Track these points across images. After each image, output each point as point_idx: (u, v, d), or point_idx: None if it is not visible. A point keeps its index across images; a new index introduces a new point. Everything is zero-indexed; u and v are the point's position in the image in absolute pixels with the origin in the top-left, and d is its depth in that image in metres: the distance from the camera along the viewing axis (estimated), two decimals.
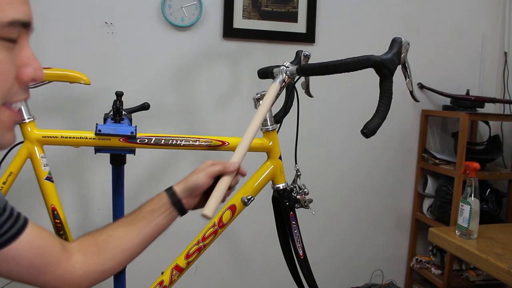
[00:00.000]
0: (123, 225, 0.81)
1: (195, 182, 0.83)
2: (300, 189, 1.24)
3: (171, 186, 0.85)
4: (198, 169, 0.85)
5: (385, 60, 0.92)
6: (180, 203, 0.83)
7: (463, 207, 1.47)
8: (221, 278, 2.03)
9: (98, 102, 1.74)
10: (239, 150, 0.88)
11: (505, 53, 2.23)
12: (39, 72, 0.53)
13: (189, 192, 0.83)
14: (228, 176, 0.84)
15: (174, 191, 0.84)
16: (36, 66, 0.53)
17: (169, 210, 0.82)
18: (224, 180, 0.83)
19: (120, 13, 1.76)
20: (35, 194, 1.35)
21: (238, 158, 0.86)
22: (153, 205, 0.83)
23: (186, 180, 0.84)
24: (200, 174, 0.83)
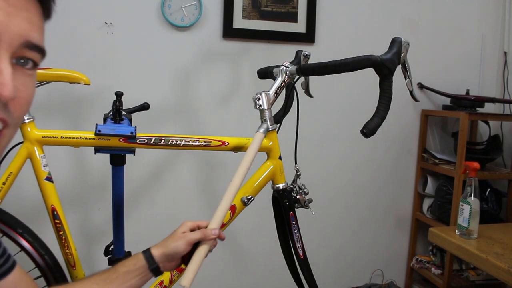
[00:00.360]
0: (96, 283, 0.80)
1: (174, 249, 0.82)
2: (300, 189, 1.24)
3: (149, 248, 0.84)
4: (177, 233, 0.84)
5: (385, 60, 0.92)
6: (157, 268, 0.83)
7: (463, 207, 1.47)
8: (221, 278, 2.03)
9: (98, 102, 1.74)
10: (218, 215, 0.86)
11: (505, 53, 2.23)
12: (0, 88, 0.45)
13: (167, 258, 0.83)
14: (207, 244, 0.83)
15: (152, 255, 0.83)
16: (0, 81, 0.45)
17: (145, 273, 0.82)
18: (203, 249, 0.83)
19: (120, 13, 1.76)
20: (35, 194, 1.35)
21: (217, 223, 0.85)
22: (129, 266, 0.82)
23: (165, 246, 0.83)
24: (180, 241, 0.82)
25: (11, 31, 0.46)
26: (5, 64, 0.46)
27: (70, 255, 1.34)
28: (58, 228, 1.32)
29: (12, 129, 0.50)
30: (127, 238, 1.44)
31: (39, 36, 0.50)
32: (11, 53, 0.47)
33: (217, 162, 1.93)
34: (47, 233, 1.39)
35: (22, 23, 0.47)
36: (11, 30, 0.46)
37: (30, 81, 0.51)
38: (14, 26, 0.46)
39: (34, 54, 0.50)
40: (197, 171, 1.94)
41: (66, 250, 1.34)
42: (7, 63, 0.46)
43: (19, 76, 0.48)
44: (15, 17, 0.46)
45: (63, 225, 1.32)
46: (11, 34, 0.46)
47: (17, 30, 0.46)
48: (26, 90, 0.50)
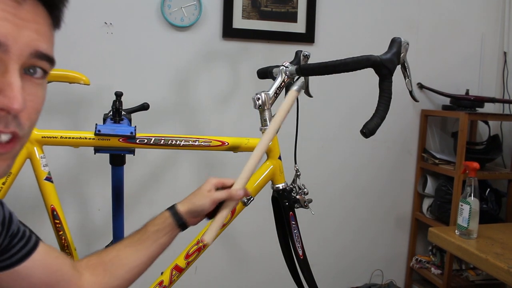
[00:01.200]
0: (129, 245, 0.83)
1: (200, 207, 0.84)
2: (300, 189, 1.24)
3: (175, 205, 0.86)
4: (203, 191, 0.85)
5: (385, 60, 0.92)
6: (184, 224, 0.85)
7: (462, 207, 1.47)
8: (220, 278, 2.03)
9: (98, 102, 1.74)
10: (244, 175, 0.86)
11: (505, 53, 2.23)
12: (7, 101, 0.46)
13: (193, 215, 0.85)
14: (232, 202, 0.85)
15: (179, 212, 0.85)
16: (9, 94, 0.46)
17: (173, 230, 0.85)
18: (227, 207, 0.84)
19: (120, 13, 1.76)
20: (34, 194, 1.35)
21: (243, 183, 0.85)
22: (159, 225, 0.85)
23: (191, 203, 0.85)
24: (206, 200, 0.83)
25: (20, 42, 0.46)
26: (15, 77, 0.46)
27: (70, 255, 1.34)
28: (58, 228, 1.32)
29: (23, 139, 0.51)
30: None
31: (48, 46, 0.51)
32: (20, 65, 0.47)
33: (217, 162, 1.93)
34: (46, 233, 1.38)
35: (31, 34, 0.47)
36: (20, 41, 0.46)
37: (39, 90, 0.52)
38: (23, 37, 0.47)
39: (43, 63, 0.50)
40: (197, 171, 1.94)
41: (66, 250, 1.34)
42: (17, 76, 0.47)
43: (28, 87, 0.49)
44: (24, 29, 0.47)
45: (63, 225, 1.32)
46: (20, 45, 0.46)
47: (26, 41, 0.47)
48: (35, 99, 0.51)
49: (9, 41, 0.45)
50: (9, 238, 0.67)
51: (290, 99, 0.92)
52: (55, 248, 0.77)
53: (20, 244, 0.69)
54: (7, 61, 0.46)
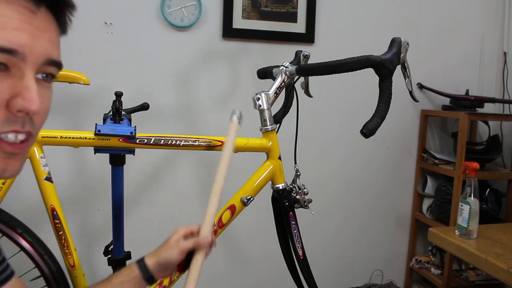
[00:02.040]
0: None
1: (167, 259, 0.81)
2: (300, 189, 1.24)
3: (143, 258, 0.84)
4: (170, 242, 0.83)
5: (385, 60, 0.93)
6: (151, 278, 0.82)
7: (462, 207, 1.47)
8: (220, 278, 2.03)
9: (98, 102, 1.74)
10: (207, 220, 0.84)
11: (505, 53, 2.23)
12: (26, 103, 0.50)
13: (161, 267, 0.82)
14: (202, 251, 0.82)
15: (146, 265, 0.82)
16: (27, 97, 0.50)
17: (139, 283, 0.82)
18: (199, 258, 0.81)
19: (120, 13, 1.76)
20: (34, 194, 1.35)
21: (209, 229, 0.83)
22: (123, 277, 0.82)
23: (159, 255, 0.82)
24: (173, 250, 0.81)
25: (36, 51, 0.51)
26: (31, 81, 0.51)
27: (69, 255, 1.34)
28: (58, 228, 1.32)
29: (34, 139, 0.56)
30: (127, 238, 1.44)
31: (58, 53, 0.56)
32: (35, 71, 0.52)
33: (217, 162, 1.91)
34: (46, 233, 1.39)
35: (45, 43, 0.52)
36: (36, 50, 0.50)
37: (49, 92, 0.57)
38: (38, 47, 0.51)
39: (53, 69, 0.55)
40: (197, 171, 1.94)
41: (66, 250, 1.34)
42: (33, 80, 0.51)
43: (40, 90, 0.53)
44: (39, 38, 0.51)
45: (63, 225, 1.32)
46: (36, 54, 0.51)
47: (40, 50, 0.51)
48: (46, 101, 0.56)
49: (26, 50, 0.49)
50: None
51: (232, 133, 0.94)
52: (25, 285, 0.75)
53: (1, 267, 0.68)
54: (24, 68, 0.50)
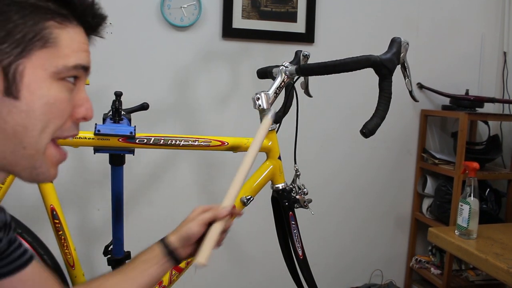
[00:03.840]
0: (116, 274, 0.81)
1: (188, 231, 0.82)
2: (300, 189, 1.24)
3: (166, 236, 0.85)
4: (189, 217, 0.85)
5: (384, 60, 0.92)
6: (173, 253, 0.82)
7: (462, 207, 1.47)
8: (220, 278, 2.03)
9: (97, 102, 1.71)
10: (230, 193, 0.85)
11: (505, 53, 2.23)
12: (89, 112, 0.61)
13: (183, 242, 0.82)
14: (220, 222, 0.82)
15: (167, 241, 0.83)
16: (88, 106, 0.61)
17: (163, 260, 0.82)
18: (216, 227, 0.81)
19: (119, 13, 1.76)
20: (34, 194, 1.35)
21: (230, 201, 0.84)
22: (147, 254, 0.82)
23: (179, 230, 0.83)
24: (192, 223, 0.82)
25: (90, 68, 0.60)
26: (86, 93, 0.61)
27: (69, 255, 1.34)
28: (57, 228, 1.32)
29: None
30: (127, 238, 1.44)
31: None
32: None
33: (217, 162, 1.93)
34: (46, 233, 1.39)
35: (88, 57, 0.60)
36: (90, 67, 0.60)
37: None
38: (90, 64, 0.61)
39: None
40: (197, 171, 1.94)
41: (65, 250, 1.34)
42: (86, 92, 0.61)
43: None
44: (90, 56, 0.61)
45: (62, 225, 1.32)
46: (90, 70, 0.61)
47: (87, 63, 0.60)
48: None
49: (89, 68, 0.60)
50: (7, 243, 0.67)
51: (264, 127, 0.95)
52: (47, 269, 0.76)
53: (18, 252, 0.69)
54: (83, 82, 0.61)
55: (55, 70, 0.55)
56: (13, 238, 0.69)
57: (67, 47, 0.56)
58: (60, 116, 0.57)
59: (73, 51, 0.56)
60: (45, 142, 0.56)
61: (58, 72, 0.55)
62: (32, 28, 0.53)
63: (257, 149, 0.90)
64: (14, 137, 0.54)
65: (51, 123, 0.56)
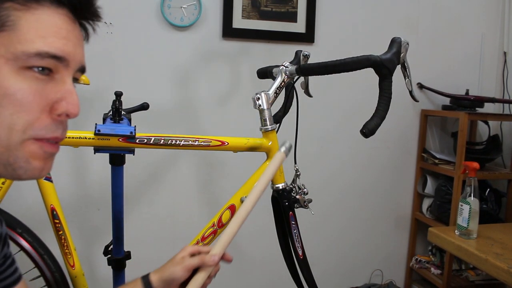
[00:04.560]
0: None
1: (171, 275, 0.79)
2: (300, 189, 1.24)
3: (148, 273, 0.82)
4: (176, 258, 0.81)
5: (385, 60, 0.92)
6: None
7: (462, 207, 1.47)
8: (220, 278, 2.02)
9: (97, 102, 1.74)
10: (223, 241, 0.82)
11: (505, 53, 2.23)
12: (72, 107, 0.53)
13: (165, 284, 0.80)
14: (205, 270, 0.80)
15: (149, 281, 0.80)
16: (70, 101, 0.53)
17: None
18: (200, 276, 0.79)
19: (119, 13, 1.76)
20: (34, 194, 1.35)
21: (221, 250, 0.81)
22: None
23: (163, 271, 0.81)
24: (178, 267, 0.79)
25: (76, 59, 0.55)
26: (72, 86, 0.55)
27: (69, 255, 1.34)
28: (58, 228, 1.32)
29: None
30: (127, 238, 1.44)
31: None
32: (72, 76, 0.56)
33: (217, 162, 1.93)
34: (46, 233, 1.39)
35: (81, 52, 0.57)
36: (76, 58, 0.55)
37: None
38: (77, 55, 0.55)
39: (79, 74, 0.59)
40: (197, 171, 1.94)
41: (66, 249, 1.34)
42: (72, 85, 0.55)
43: None
44: (78, 46, 0.56)
45: (63, 225, 1.32)
46: (76, 61, 0.55)
47: (78, 57, 0.56)
48: None
49: (70, 57, 0.54)
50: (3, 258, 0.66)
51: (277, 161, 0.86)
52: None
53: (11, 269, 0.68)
54: (65, 74, 0.54)
55: (12, 57, 0.48)
56: (8, 254, 0.67)
57: (30, 32, 0.49)
58: (27, 110, 0.50)
59: (39, 36, 0.50)
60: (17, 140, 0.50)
61: (15, 59, 0.48)
62: None
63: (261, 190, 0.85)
64: None
65: (16, 118, 0.49)
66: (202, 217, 1.87)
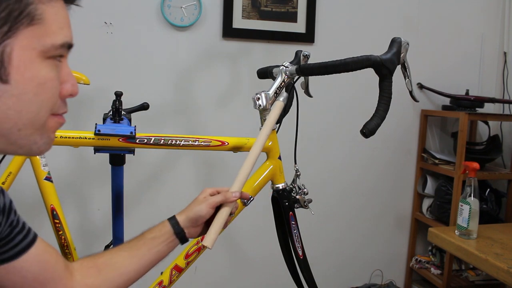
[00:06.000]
0: (124, 250, 0.83)
1: (197, 213, 0.84)
2: (300, 189, 1.24)
3: (174, 215, 0.86)
4: (199, 198, 0.86)
5: (385, 60, 0.92)
6: (182, 233, 0.84)
7: (462, 207, 1.47)
8: (220, 278, 2.03)
9: (97, 102, 1.74)
10: (240, 178, 0.87)
11: (505, 53, 2.23)
12: (75, 87, 0.58)
13: (191, 223, 0.84)
14: (228, 205, 0.84)
15: (177, 220, 0.85)
16: (73, 82, 0.58)
17: (171, 238, 0.84)
18: (224, 211, 0.84)
19: (120, 13, 1.76)
20: (34, 194, 1.36)
21: (239, 186, 0.85)
22: (156, 232, 0.84)
23: (189, 210, 0.85)
24: (202, 205, 0.84)
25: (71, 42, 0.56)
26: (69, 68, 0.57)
27: (69, 255, 1.35)
28: (58, 228, 1.32)
29: None
30: (127, 237, 1.44)
31: None
32: None
33: (217, 162, 1.93)
34: (46, 233, 1.38)
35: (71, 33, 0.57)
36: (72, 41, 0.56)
37: None
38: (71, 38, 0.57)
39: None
40: (197, 171, 1.94)
41: (66, 249, 1.34)
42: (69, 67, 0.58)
43: None
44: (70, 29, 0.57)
45: (63, 225, 1.33)
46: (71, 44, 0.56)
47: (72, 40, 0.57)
48: None
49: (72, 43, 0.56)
50: (9, 228, 0.67)
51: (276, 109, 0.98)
52: (52, 246, 0.76)
53: (20, 236, 0.68)
54: (65, 57, 0.57)
55: (43, 49, 0.52)
56: (14, 221, 0.68)
57: (53, 24, 0.53)
58: (52, 95, 0.55)
59: (59, 28, 0.54)
60: (43, 120, 0.55)
61: (46, 51, 0.52)
62: (17, 5, 0.49)
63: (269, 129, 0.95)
64: (7, 122, 0.51)
65: (44, 104, 0.54)
66: None
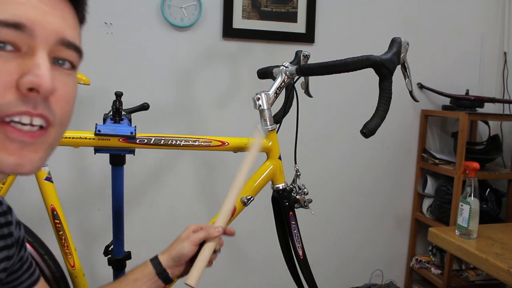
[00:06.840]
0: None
1: (180, 251, 0.80)
2: (300, 189, 1.24)
3: (157, 255, 0.83)
4: (182, 236, 0.83)
5: (385, 60, 0.92)
6: (165, 273, 0.81)
7: (462, 207, 1.47)
8: (220, 278, 2.03)
9: (98, 102, 1.74)
10: (223, 214, 0.84)
11: (505, 53, 2.23)
12: (36, 79, 0.45)
13: (174, 262, 0.81)
14: (212, 241, 0.81)
15: (159, 261, 0.82)
16: (38, 73, 0.45)
17: (153, 279, 0.81)
18: (208, 247, 0.81)
19: (120, 13, 1.76)
20: (34, 194, 1.36)
21: (223, 222, 0.83)
22: (138, 273, 0.81)
23: (171, 249, 0.82)
24: (184, 243, 0.80)
25: (46, 28, 0.47)
26: (43, 59, 0.47)
27: (69, 255, 1.35)
28: (58, 228, 1.32)
29: (58, 129, 0.50)
30: (127, 238, 1.44)
31: (74, 34, 0.52)
32: (48, 51, 0.48)
33: (217, 162, 1.93)
34: (46, 233, 1.39)
35: (56, 20, 0.48)
36: (46, 27, 0.47)
37: (70, 80, 0.52)
38: (49, 24, 0.47)
39: (70, 53, 0.51)
40: (197, 171, 1.94)
41: (66, 250, 1.34)
42: (45, 58, 0.47)
43: (57, 74, 0.49)
44: (49, 15, 0.47)
45: (63, 225, 1.33)
46: (47, 31, 0.47)
47: (52, 27, 0.48)
48: (65, 87, 0.51)
49: (35, 25, 0.46)
50: (19, 262, 0.67)
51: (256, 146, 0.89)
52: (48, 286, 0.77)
53: (27, 274, 0.69)
54: (34, 46, 0.46)
55: None
56: (24, 257, 0.68)
57: None
58: None
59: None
60: None
61: None
62: None
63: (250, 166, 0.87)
64: None
65: None
66: (202, 217, 1.87)
